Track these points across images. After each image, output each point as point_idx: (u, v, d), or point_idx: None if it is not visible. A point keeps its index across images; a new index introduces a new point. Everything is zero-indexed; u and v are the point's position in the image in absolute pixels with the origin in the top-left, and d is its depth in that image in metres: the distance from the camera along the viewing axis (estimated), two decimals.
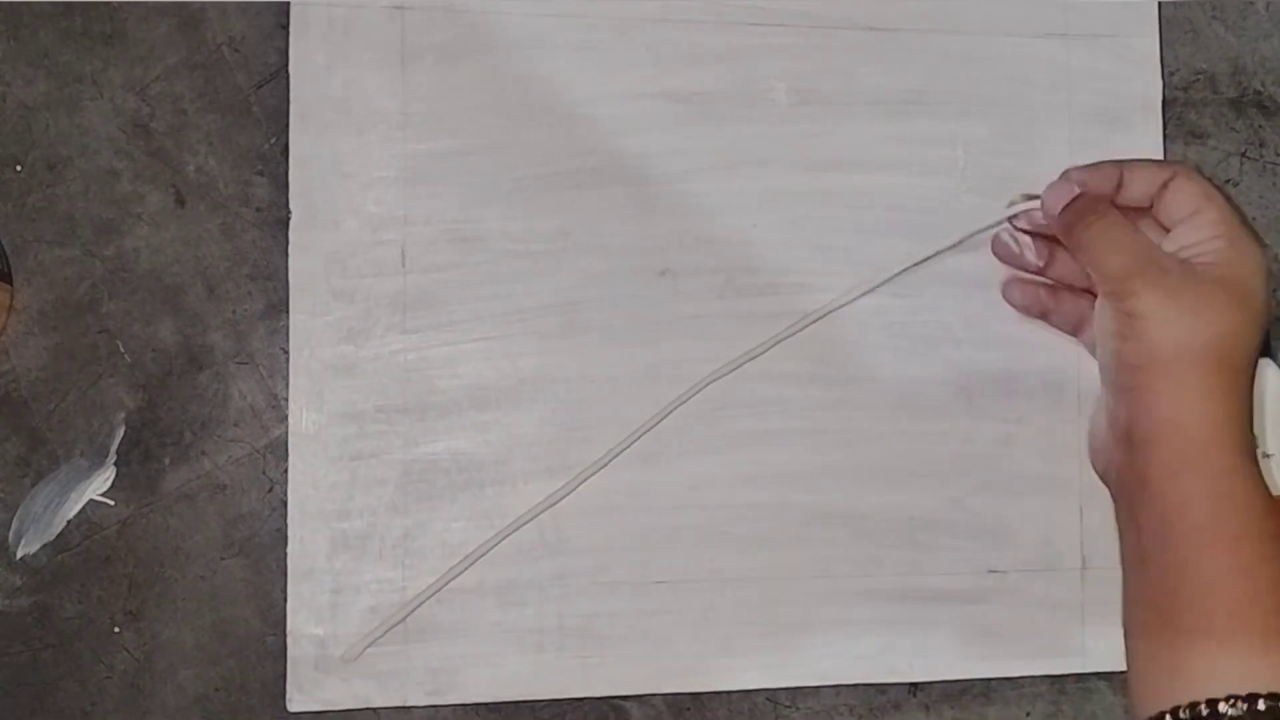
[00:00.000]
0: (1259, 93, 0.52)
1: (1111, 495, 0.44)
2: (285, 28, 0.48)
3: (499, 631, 0.48)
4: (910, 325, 0.50)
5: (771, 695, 0.49)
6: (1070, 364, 0.50)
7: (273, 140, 0.49)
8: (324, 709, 0.47)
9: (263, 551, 0.48)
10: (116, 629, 0.47)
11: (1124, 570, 0.43)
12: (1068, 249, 0.46)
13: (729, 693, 0.49)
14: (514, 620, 0.48)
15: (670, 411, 0.48)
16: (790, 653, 0.48)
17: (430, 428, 0.48)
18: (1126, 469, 0.43)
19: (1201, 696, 0.38)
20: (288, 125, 0.48)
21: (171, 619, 0.48)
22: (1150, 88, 0.51)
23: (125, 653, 0.47)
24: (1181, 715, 0.38)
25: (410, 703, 0.47)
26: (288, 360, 0.48)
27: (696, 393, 0.49)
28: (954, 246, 0.49)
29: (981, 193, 0.50)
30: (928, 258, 0.49)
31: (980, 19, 0.51)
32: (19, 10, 0.48)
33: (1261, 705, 0.37)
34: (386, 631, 0.47)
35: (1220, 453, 0.41)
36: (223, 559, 0.48)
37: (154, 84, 0.48)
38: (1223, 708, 0.37)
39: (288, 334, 0.48)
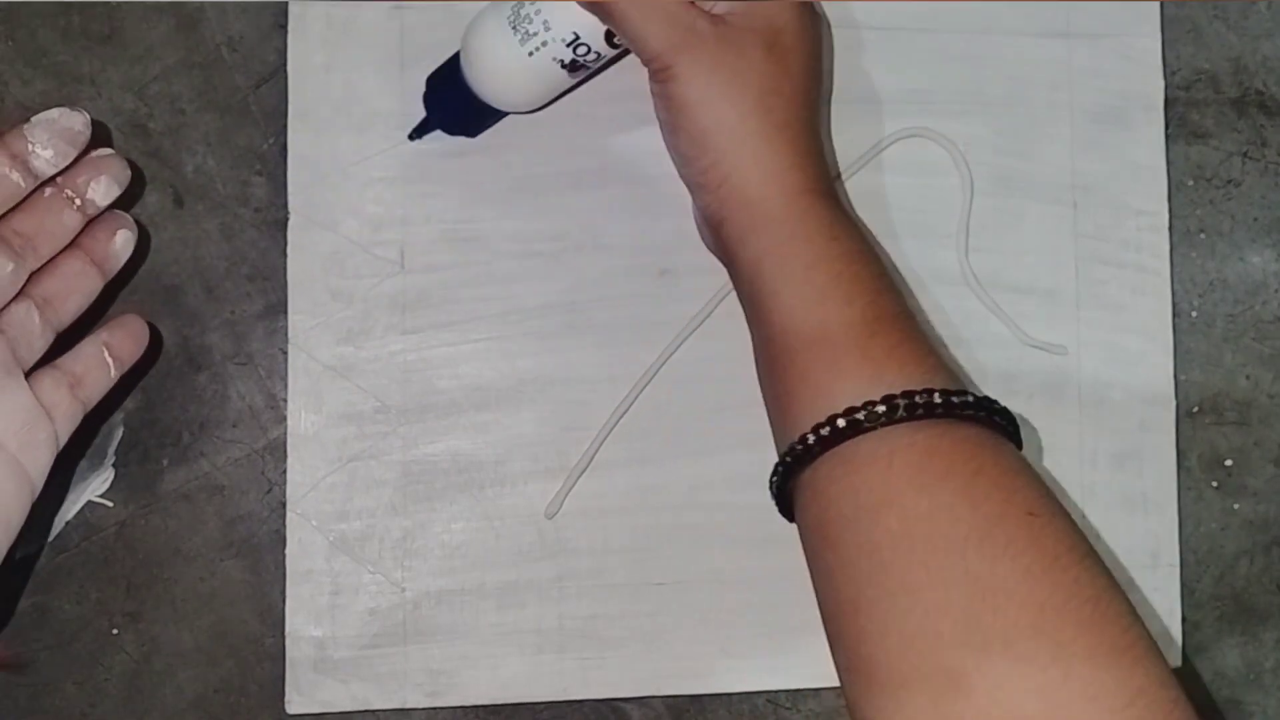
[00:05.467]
0: (1261, 92, 0.52)
1: None
2: (284, 27, 0.48)
3: (498, 633, 0.48)
4: None
5: (772, 697, 0.49)
6: (1070, 364, 0.50)
7: (271, 140, 0.48)
8: (323, 710, 0.47)
9: (261, 553, 0.48)
10: (115, 630, 0.47)
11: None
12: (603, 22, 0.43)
13: (729, 694, 0.49)
14: (513, 622, 0.48)
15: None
16: (790, 654, 0.48)
17: (429, 428, 0.48)
18: (719, 252, 0.44)
19: (824, 416, 0.38)
20: (286, 125, 0.48)
21: (170, 620, 0.47)
22: (1152, 87, 0.51)
23: (124, 654, 0.47)
24: (821, 432, 0.38)
25: (409, 704, 0.47)
26: (286, 361, 0.48)
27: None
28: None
29: (982, 193, 0.50)
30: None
31: (981, 19, 0.50)
32: (17, 10, 0.48)
33: (881, 408, 0.38)
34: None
35: (777, 203, 0.42)
36: (221, 560, 0.48)
37: (152, 84, 0.48)
38: (858, 416, 0.38)
39: (286, 335, 0.48)
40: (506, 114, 0.47)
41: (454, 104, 0.46)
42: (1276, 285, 0.52)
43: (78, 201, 0.43)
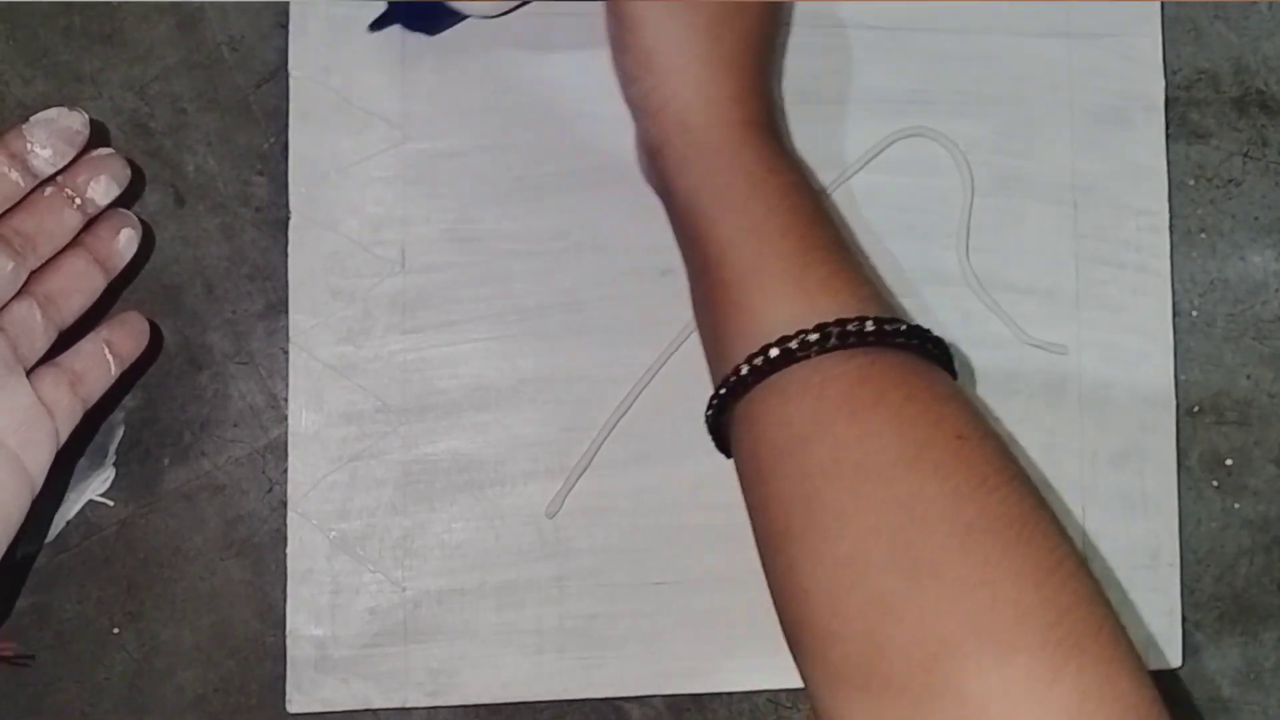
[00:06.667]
0: (1261, 92, 0.52)
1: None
2: (284, 27, 0.48)
3: (498, 633, 0.48)
4: None
5: (772, 696, 0.49)
6: (1070, 364, 0.50)
7: (272, 140, 0.49)
8: (323, 710, 0.47)
9: (262, 552, 0.48)
10: (116, 629, 0.47)
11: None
12: None
13: (729, 694, 0.49)
14: (513, 621, 0.48)
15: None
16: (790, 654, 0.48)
17: (430, 428, 0.48)
18: (656, 181, 0.44)
19: (758, 346, 0.38)
20: (287, 125, 0.48)
21: (171, 620, 0.48)
22: (1152, 87, 0.51)
23: (124, 653, 0.47)
24: (755, 362, 0.38)
25: (410, 704, 0.47)
26: (287, 360, 0.48)
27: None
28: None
29: (982, 193, 0.50)
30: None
31: (981, 18, 0.50)
32: (18, 9, 0.48)
33: (814, 336, 0.38)
34: None
35: (717, 132, 0.42)
36: (222, 559, 0.48)
37: (153, 83, 0.48)
38: (791, 345, 0.38)
39: (287, 334, 0.48)
40: (465, 17, 0.47)
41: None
42: (1277, 285, 0.52)
43: (77, 201, 0.44)
